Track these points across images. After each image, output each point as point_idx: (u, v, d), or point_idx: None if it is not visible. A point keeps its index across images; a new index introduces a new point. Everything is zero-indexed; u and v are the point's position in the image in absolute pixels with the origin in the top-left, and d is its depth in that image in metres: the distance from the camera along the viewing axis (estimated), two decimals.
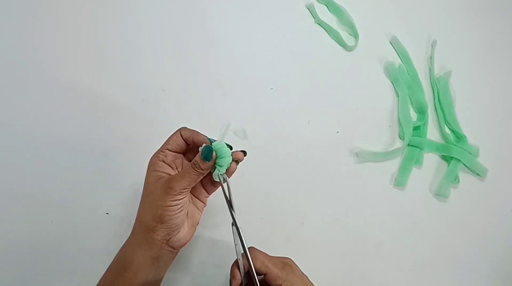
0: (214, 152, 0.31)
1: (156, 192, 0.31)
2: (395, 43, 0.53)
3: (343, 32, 0.53)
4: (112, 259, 0.33)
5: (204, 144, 0.32)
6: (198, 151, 0.32)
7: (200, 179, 0.32)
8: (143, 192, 0.33)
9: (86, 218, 0.40)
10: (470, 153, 0.47)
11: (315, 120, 0.47)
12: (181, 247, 0.34)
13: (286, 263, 0.32)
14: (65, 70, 0.46)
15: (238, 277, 0.32)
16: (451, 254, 0.44)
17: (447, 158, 0.48)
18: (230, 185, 0.32)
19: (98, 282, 0.32)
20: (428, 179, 0.47)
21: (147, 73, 0.47)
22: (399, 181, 0.45)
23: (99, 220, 0.40)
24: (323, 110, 0.48)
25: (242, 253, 0.31)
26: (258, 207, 0.42)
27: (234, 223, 0.31)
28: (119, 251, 0.33)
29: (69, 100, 0.45)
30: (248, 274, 0.32)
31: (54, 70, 0.46)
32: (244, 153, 0.34)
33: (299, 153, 0.46)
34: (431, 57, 0.52)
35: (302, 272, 0.33)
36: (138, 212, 0.33)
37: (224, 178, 0.32)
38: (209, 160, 0.31)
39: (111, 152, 0.43)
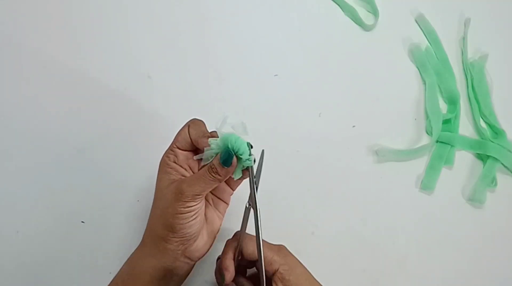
0: (235, 156, 0.30)
1: (167, 198, 0.30)
2: (421, 22, 0.51)
3: (361, 9, 0.51)
4: (87, 273, 0.33)
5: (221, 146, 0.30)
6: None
7: (216, 185, 0.31)
8: (154, 196, 0.32)
9: (58, 227, 0.39)
10: (510, 151, 0.45)
11: (327, 112, 0.46)
12: (199, 258, 0.33)
13: (280, 246, 0.33)
14: (32, 53, 0.45)
15: (232, 269, 0.31)
16: (488, 271, 0.42)
17: (482, 157, 0.46)
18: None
19: None
20: (461, 181, 0.45)
21: (130, 57, 0.46)
22: (426, 184, 0.44)
23: (73, 229, 0.39)
24: (337, 101, 0.47)
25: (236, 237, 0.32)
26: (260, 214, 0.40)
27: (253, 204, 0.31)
28: (126, 262, 0.32)
29: (37, 88, 0.44)
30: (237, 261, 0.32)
31: (20, 54, 0.45)
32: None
33: (308, 151, 0.44)
34: (464, 38, 0.50)
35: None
36: (149, 219, 0.32)
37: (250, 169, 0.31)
38: (228, 166, 0.30)
39: (88, 149, 0.42)
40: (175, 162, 0.31)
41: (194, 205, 0.30)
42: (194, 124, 0.32)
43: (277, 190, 0.42)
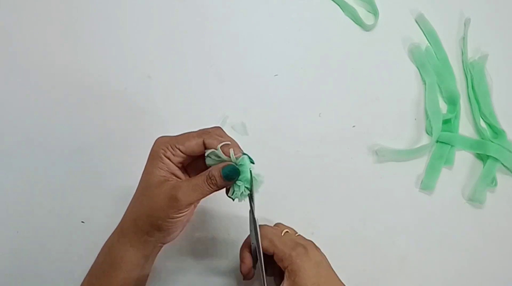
0: (239, 173, 0.30)
1: (158, 200, 0.30)
2: (421, 22, 0.51)
3: (361, 9, 0.51)
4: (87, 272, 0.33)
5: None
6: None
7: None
8: (140, 189, 0.32)
9: (58, 227, 0.39)
10: (510, 151, 0.45)
11: (327, 112, 0.46)
12: (169, 242, 0.34)
13: (299, 244, 0.32)
14: (31, 53, 0.45)
15: (248, 261, 0.33)
16: (488, 270, 0.42)
17: (482, 157, 0.46)
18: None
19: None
20: (460, 181, 0.45)
21: (130, 57, 0.46)
22: (426, 184, 0.44)
23: (73, 229, 0.39)
24: (337, 101, 0.47)
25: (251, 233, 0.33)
26: (259, 215, 0.40)
27: (250, 196, 0.32)
28: (104, 251, 0.33)
29: (38, 88, 0.44)
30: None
31: (20, 54, 0.45)
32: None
33: (308, 151, 0.44)
34: (463, 38, 0.51)
35: (324, 257, 0.33)
36: (131, 210, 0.32)
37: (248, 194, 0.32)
38: (230, 181, 0.30)
39: (88, 150, 0.42)
40: (169, 159, 0.31)
41: (187, 211, 0.31)
42: (210, 136, 0.31)
43: (277, 190, 0.42)
